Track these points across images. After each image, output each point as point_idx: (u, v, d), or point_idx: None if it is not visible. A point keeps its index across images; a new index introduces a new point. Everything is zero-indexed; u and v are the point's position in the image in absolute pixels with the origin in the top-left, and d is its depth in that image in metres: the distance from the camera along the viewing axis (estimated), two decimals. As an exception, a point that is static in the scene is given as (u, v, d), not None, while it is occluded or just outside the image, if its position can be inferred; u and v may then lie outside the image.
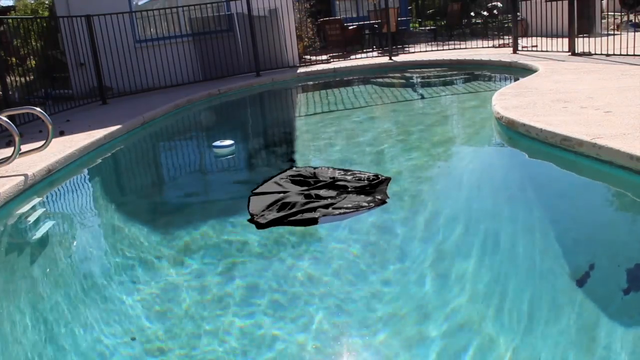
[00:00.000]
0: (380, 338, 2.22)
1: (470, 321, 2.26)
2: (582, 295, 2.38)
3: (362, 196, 3.67)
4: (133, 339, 2.35)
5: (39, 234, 3.74)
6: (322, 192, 3.79)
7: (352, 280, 2.70)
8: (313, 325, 2.32)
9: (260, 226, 3.32)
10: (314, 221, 3.34)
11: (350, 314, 2.40)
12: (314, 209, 3.47)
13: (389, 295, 2.54)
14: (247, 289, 2.69)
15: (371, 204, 3.52)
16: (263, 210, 3.52)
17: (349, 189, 3.81)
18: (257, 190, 4.00)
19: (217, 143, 5.46)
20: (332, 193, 3.76)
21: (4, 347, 2.42)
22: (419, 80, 10.14)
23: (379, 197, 3.64)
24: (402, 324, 2.30)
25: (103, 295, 2.82)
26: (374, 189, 3.81)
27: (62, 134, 6.19)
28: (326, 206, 3.51)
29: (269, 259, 3.04)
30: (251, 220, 3.42)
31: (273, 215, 3.43)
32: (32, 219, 3.98)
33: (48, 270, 3.27)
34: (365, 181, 3.94)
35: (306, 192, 3.79)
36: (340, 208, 3.48)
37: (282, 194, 3.80)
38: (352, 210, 3.45)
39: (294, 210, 3.47)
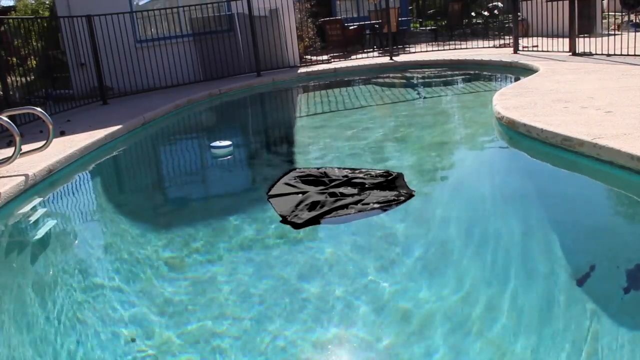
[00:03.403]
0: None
1: (469, 320, 2.26)
2: (582, 295, 2.38)
3: (387, 191, 3.67)
4: (133, 340, 2.35)
5: (39, 234, 3.74)
6: (343, 190, 3.78)
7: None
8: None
9: (297, 226, 3.30)
10: (316, 221, 3.34)
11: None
12: (346, 206, 3.47)
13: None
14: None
15: (401, 198, 3.53)
16: (293, 211, 3.51)
17: (367, 186, 3.81)
18: (272, 193, 3.95)
19: (215, 143, 5.45)
20: (353, 190, 3.76)
21: (4, 347, 2.42)
22: (419, 80, 10.14)
23: (405, 191, 3.65)
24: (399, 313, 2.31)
25: (104, 295, 2.82)
26: (392, 184, 3.82)
27: (62, 134, 6.20)
28: (355, 203, 3.51)
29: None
30: (285, 222, 3.38)
31: (307, 214, 3.41)
32: (33, 219, 3.98)
33: (49, 270, 3.27)
34: (380, 178, 3.95)
35: (329, 191, 3.78)
36: (369, 204, 3.48)
37: (301, 194, 3.78)
38: (384, 204, 3.45)
39: (325, 208, 3.46)
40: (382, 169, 4.20)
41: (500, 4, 16.30)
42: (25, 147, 5.07)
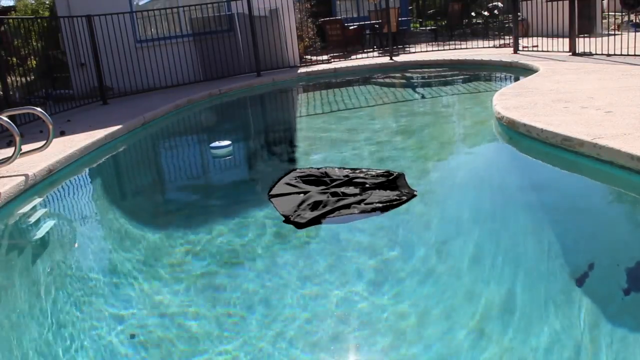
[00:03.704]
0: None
1: (469, 319, 2.26)
2: (581, 294, 2.38)
3: (389, 191, 3.67)
4: (132, 336, 2.35)
5: (39, 234, 3.74)
6: (345, 190, 3.78)
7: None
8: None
9: (300, 226, 3.29)
10: (319, 221, 3.34)
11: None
12: (348, 206, 3.47)
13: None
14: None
15: (402, 198, 3.54)
16: (295, 210, 3.50)
17: (368, 185, 3.81)
18: (273, 193, 3.94)
19: (215, 144, 5.45)
20: (355, 190, 3.76)
21: (4, 348, 2.43)
22: (419, 80, 10.14)
23: (406, 191, 3.66)
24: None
25: (103, 294, 2.82)
26: (393, 183, 3.82)
27: (62, 134, 6.20)
28: (357, 203, 3.52)
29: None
30: (287, 221, 3.37)
31: (309, 214, 3.41)
32: (32, 219, 3.98)
33: (48, 270, 3.27)
34: (381, 177, 3.95)
35: (331, 191, 3.77)
36: (372, 203, 3.48)
37: (303, 194, 3.78)
38: (387, 204, 3.45)
39: (328, 208, 3.46)
40: (382, 169, 4.20)
41: (500, 4, 16.29)
42: (25, 147, 5.08)
